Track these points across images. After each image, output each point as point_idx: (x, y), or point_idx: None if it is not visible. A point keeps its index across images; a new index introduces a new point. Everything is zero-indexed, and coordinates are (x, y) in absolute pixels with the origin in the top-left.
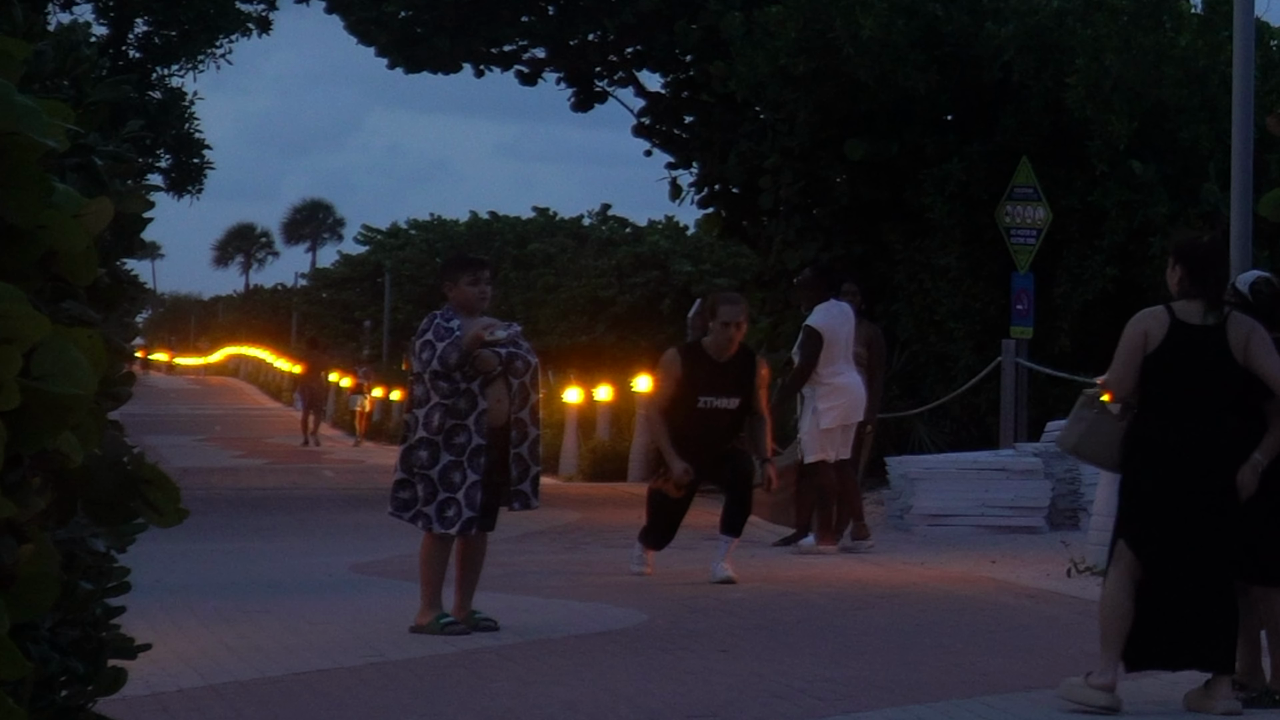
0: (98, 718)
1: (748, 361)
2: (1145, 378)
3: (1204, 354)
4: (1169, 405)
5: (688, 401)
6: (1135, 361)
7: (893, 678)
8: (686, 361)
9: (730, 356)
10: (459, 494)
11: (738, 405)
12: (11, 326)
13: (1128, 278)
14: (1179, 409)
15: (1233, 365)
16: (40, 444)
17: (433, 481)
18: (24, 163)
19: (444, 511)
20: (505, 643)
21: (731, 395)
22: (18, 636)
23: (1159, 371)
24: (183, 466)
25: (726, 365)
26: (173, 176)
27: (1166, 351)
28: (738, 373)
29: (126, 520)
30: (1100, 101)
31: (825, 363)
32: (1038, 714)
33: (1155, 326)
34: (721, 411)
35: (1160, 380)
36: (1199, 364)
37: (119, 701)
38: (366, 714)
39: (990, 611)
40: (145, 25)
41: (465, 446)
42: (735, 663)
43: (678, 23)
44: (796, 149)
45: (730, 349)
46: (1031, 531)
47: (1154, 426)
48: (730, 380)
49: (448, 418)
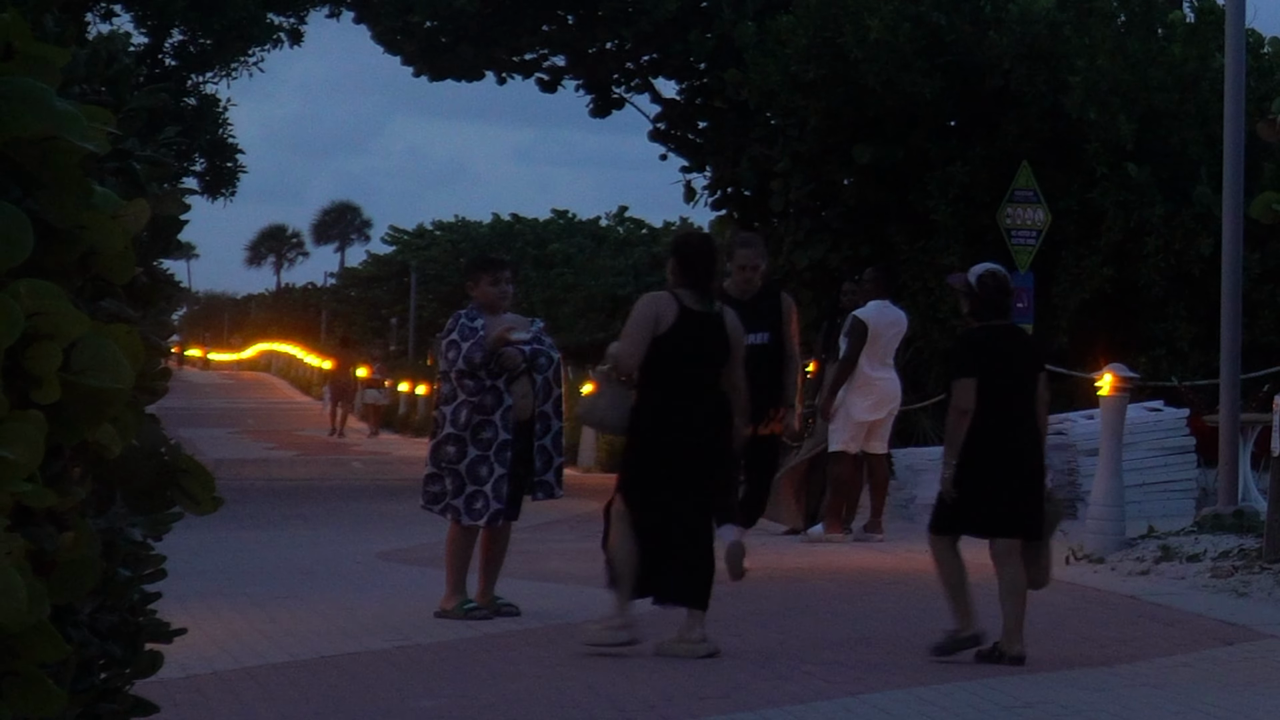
0: (135, 699)
1: (774, 298)
2: (653, 355)
3: (704, 336)
4: (673, 379)
5: None
6: (645, 340)
7: (899, 660)
8: None
9: (755, 294)
10: (486, 487)
11: (768, 340)
12: (52, 323)
13: (1123, 277)
14: (681, 383)
15: (726, 347)
16: (80, 436)
17: (461, 475)
18: (65, 166)
19: (472, 504)
20: (527, 627)
21: (760, 330)
22: (58, 621)
23: (667, 350)
24: (217, 458)
25: (751, 303)
26: (207, 180)
27: (675, 333)
28: (765, 309)
29: (163, 509)
30: (1100, 104)
31: (866, 357)
32: (1037, 695)
33: (666, 311)
34: (752, 349)
35: (667, 358)
36: (700, 345)
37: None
38: (393, 695)
39: (991, 597)
40: (181, 34)
41: (492, 441)
42: (746, 647)
43: (692, 32)
44: (806, 153)
45: (750, 289)
46: None
47: (659, 397)
48: (757, 316)
49: (474, 414)
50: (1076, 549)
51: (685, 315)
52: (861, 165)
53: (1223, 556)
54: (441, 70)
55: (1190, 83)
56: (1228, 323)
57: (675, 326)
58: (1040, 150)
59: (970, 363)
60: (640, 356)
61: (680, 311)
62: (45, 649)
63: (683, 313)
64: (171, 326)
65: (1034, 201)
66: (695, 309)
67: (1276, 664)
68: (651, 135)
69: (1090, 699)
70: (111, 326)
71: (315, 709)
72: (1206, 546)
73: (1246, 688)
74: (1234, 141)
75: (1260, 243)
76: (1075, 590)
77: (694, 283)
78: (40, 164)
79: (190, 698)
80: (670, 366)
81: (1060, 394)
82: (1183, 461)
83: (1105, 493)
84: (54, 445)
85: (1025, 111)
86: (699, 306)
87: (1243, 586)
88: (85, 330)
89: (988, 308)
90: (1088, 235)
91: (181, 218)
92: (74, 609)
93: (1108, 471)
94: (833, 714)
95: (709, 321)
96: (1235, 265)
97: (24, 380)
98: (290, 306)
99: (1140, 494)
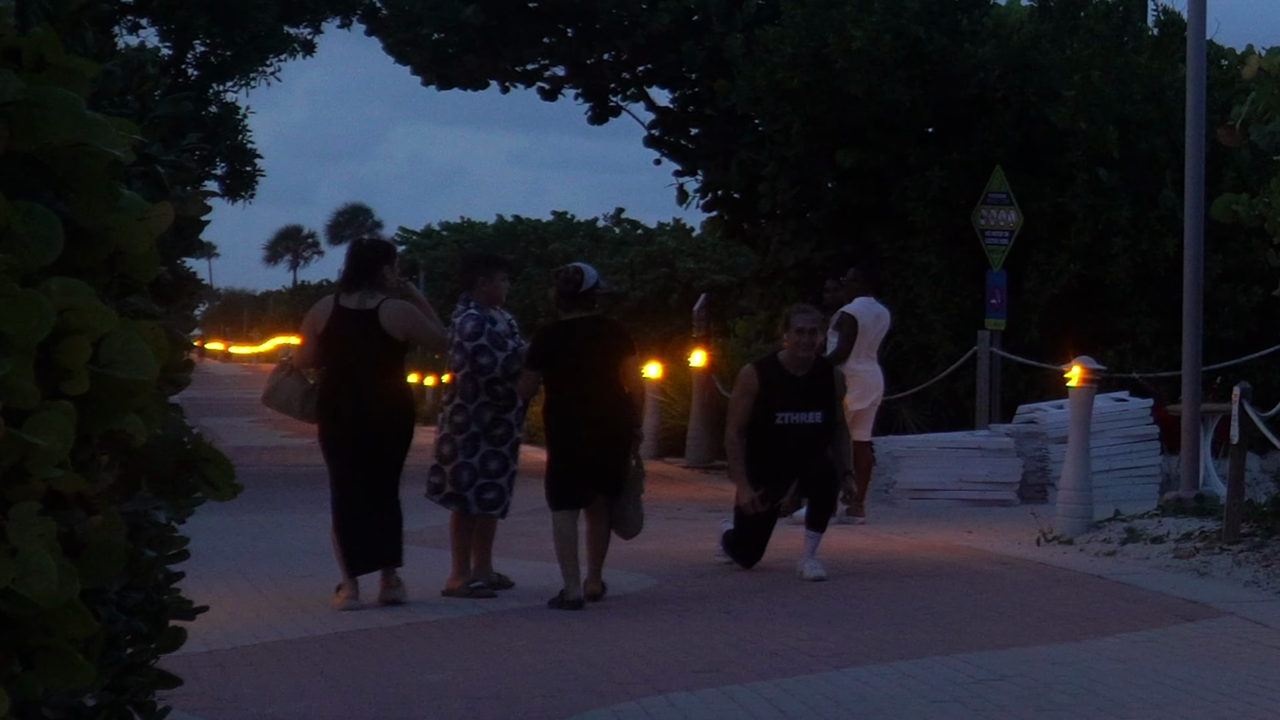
0: (160, 673)
1: (826, 374)
2: (321, 350)
3: (358, 330)
4: (337, 369)
5: (767, 419)
6: (313, 338)
7: (879, 637)
8: (764, 377)
9: (808, 371)
10: (501, 480)
11: (821, 419)
12: (82, 319)
13: (1092, 275)
14: (344, 371)
15: (384, 337)
16: (108, 425)
17: (475, 469)
18: (93, 171)
19: (483, 494)
20: (528, 605)
21: (813, 409)
22: (88, 599)
23: (327, 345)
24: (236, 445)
25: (805, 379)
26: (227, 183)
27: (331, 329)
28: (818, 386)
29: (186, 494)
30: (1088, 115)
31: (853, 352)
32: (1010, 668)
33: (321, 312)
34: (803, 427)
35: (329, 351)
36: (354, 338)
37: (179, 658)
38: (402, 669)
39: (967, 577)
40: (203, 46)
41: (506, 438)
42: (736, 624)
43: (685, 43)
44: (792, 158)
45: (808, 359)
46: (1004, 504)
47: (330, 385)
48: (810, 395)
49: (494, 413)
50: (1047, 531)
51: (338, 313)
52: (844, 169)
53: (1185, 538)
54: (448, 79)
55: (1156, 92)
56: (1189, 318)
57: (329, 324)
58: (1013, 155)
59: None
60: (308, 352)
61: (334, 310)
62: (75, 625)
63: (336, 311)
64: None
65: (1006, 204)
66: (349, 308)
67: (1235, 639)
68: (646, 141)
69: (1059, 672)
70: (137, 322)
71: (329, 682)
72: (1169, 529)
73: (1207, 661)
74: (1196, 147)
75: (1221, 243)
76: (1045, 570)
77: (349, 285)
78: (70, 169)
79: (212, 672)
80: (329, 359)
81: (1031, 385)
82: (1147, 449)
83: (1074, 478)
84: (83, 434)
85: (999, 119)
86: (354, 305)
87: (1204, 566)
88: (113, 325)
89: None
90: (1058, 236)
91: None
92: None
93: (1076, 458)
94: (817, 686)
95: (362, 317)
96: (1197, 265)
97: (55, 372)
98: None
99: (1107, 479)
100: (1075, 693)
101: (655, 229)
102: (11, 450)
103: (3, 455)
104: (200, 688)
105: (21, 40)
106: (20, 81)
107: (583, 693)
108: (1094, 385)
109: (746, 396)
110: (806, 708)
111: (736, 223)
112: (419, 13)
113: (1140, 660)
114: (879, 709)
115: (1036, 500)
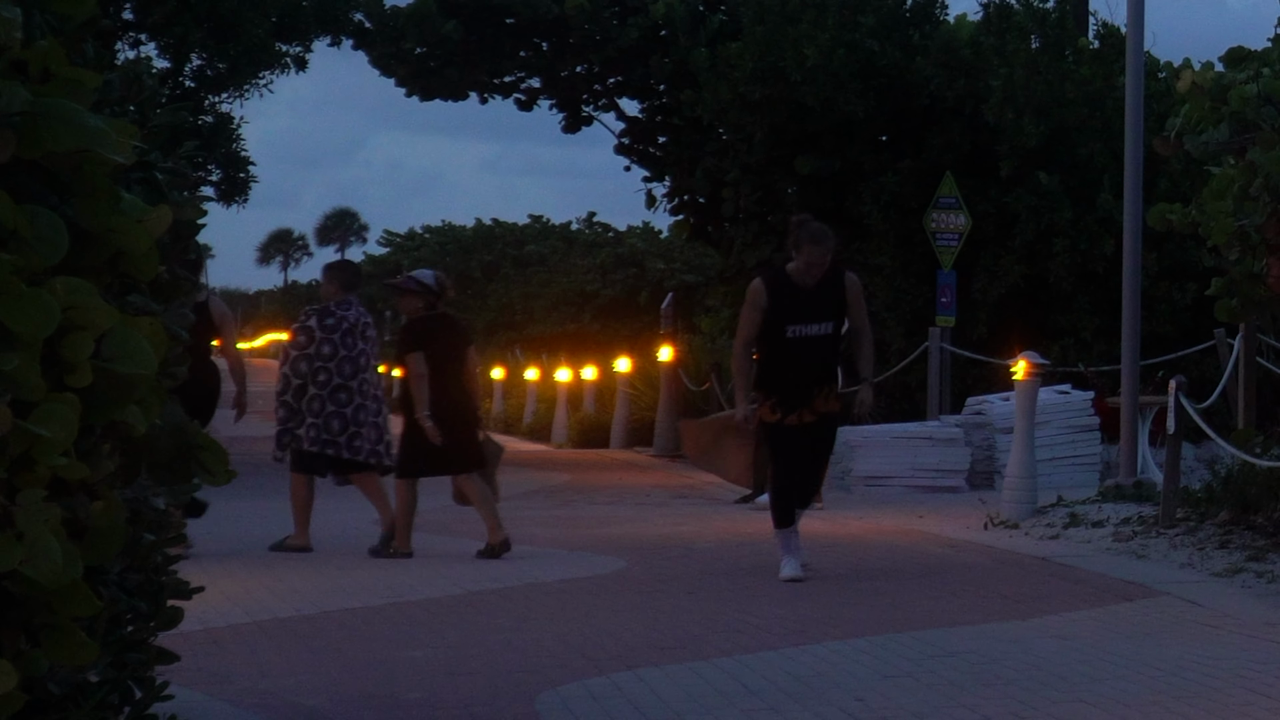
0: (158, 650)
1: (837, 282)
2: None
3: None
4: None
5: (776, 333)
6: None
7: (836, 615)
8: (771, 290)
9: (817, 281)
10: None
11: (830, 331)
12: (85, 316)
13: (1035, 273)
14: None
15: (209, 328)
16: (109, 416)
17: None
18: (95, 176)
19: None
20: (505, 586)
21: (823, 321)
22: (90, 580)
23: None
24: (230, 435)
25: (814, 290)
26: (222, 188)
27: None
28: (827, 296)
29: (183, 480)
30: (1014, 110)
31: None
32: (960, 645)
33: None
34: (814, 339)
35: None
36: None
37: (176, 635)
38: (385, 645)
39: (919, 559)
40: (200, 59)
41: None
42: (701, 603)
43: (653, 57)
44: (754, 165)
45: (810, 280)
46: (954, 491)
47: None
48: (820, 306)
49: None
50: (994, 516)
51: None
52: (803, 175)
53: (1124, 523)
54: (430, 91)
55: (1096, 100)
56: (1128, 315)
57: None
58: (961, 162)
59: (416, 341)
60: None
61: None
62: (79, 605)
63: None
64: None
65: (956, 208)
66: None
67: (1171, 617)
68: (616, 149)
69: (1006, 649)
70: (137, 319)
71: (318, 658)
72: (1109, 514)
73: (1145, 637)
74: (1134, 155)
75: (1156, 244)
76: (992, 552)
77: None
78: (74, 175)
79: (207, 648)
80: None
81: (979, 379)
82: (1088, 439)
83: (1019, 466)
84: (86, 424)
85: (948, 127)
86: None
87: (1141, 549)
88: (114, 322)
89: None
90: (1003, 237)
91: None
92: (104, 569)
93: (1021, 447)
94: (777, 661)
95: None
96: (1135, 264)
97: (60, 367)
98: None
99: (1050, 467)
100: (1020, 668)
101: (625, 231)
102: (18, 440)
103: (10, 445)
104: (197, 663)
105: (28, 53)
106: (27, 93)
107: (557, 668)
108: (1038, 379)
109: (755, 310)
110: (767, 682)
111: (702, 225)
112: (403, 28)
113: (1081, 637)
114: (836, 683)
115: (984, 487)
